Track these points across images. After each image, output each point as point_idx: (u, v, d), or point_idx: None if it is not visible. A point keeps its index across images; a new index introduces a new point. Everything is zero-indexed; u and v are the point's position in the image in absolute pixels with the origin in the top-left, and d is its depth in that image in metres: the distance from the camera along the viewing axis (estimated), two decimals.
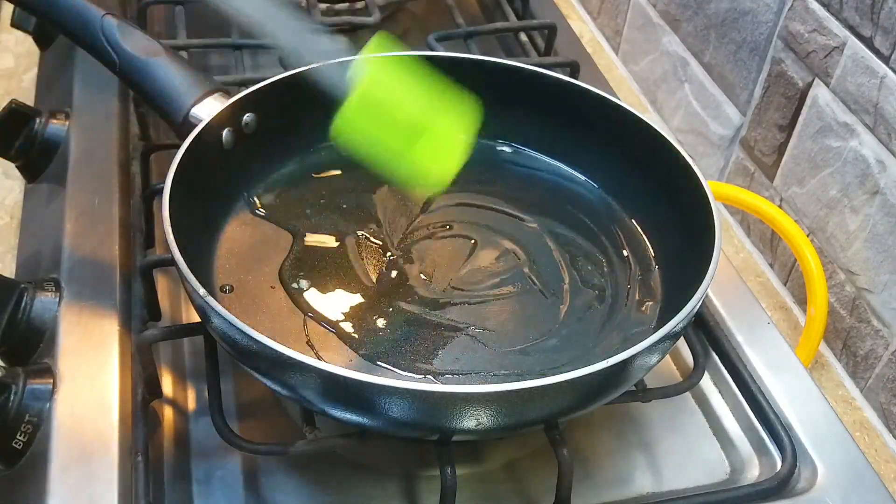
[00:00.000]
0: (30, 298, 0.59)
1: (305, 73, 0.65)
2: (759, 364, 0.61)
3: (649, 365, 0.52)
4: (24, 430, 0.53)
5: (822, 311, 0.77)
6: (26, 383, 0.54)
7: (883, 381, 0.74)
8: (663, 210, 0.65)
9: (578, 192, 0.71)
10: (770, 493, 0.54)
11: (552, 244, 0.66)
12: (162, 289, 0.65)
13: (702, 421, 0.63)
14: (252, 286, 0.60)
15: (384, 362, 0.56)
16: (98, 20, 0.62)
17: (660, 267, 0.64)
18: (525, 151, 0.74)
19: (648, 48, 1.04)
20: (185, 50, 0.82)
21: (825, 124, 0.77)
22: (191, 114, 0.62)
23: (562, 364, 0.57)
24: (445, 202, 0.69)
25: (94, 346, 0.57)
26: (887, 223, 0.71)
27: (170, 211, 0.53)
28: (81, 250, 0.63)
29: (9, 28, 0.90)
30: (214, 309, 0.48)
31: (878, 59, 0.70)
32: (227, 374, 0.59)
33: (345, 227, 0.66)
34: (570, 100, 0.69)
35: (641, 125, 0.65)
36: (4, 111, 0.73)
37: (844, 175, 0.75)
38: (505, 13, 0.95)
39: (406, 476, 0.57)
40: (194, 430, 0.58)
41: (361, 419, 0.49)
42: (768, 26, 0.83)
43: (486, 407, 0.47)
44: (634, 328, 0.60)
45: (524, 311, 0.60)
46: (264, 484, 0.56)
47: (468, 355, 0.57)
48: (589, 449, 0.60)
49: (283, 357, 0.46)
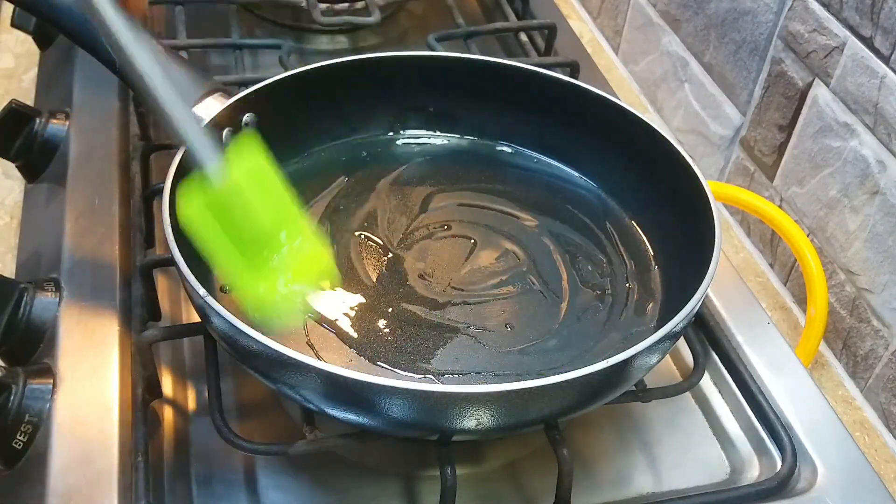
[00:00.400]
0: (30, 298, 0.59)
1: (292, 80, 0.66)
2: (759, 364, 0.61)
3: (649, 365, 0.52)
4: (24, 430, 0.53)
5: (822, 311, 0.77)
6: (26, 383, 0.54)
7: (883, 381, 0.74)
8: (663, 210, 0.65)
9: (578, 192, 0.71)
10: (770, 493, 0.54)
11: (552, 244, 0.66)
12: (162, 289, 0.65)
13: (702, 421, 0.63)
14: None
15: (384, 362, 0.56)
16: None
17: (660, 267, 0.64)
18: (525, 151, 0.74)
19: (648, 48, 1.04)
20: (185, 50, 0.82)
21: (825, 124, 0.77)
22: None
23: (562, 364, 0.57)
24: (445, 202, 0.69)
25: (94, 346, 0.57)
26: (887, 223, 0.71)
27: (170, 211, 0.53)
28: (81, 250, 0.63)
29: (9, 28, 0.90)
30: (214, 309, 0.48)
31: (878, 59, 0.70)
32: (227, 374, 0.59)
33: (344, 227, 0.66)
34: (570, 100, 0.69)
35: (641, 125, 0.65)
36: (4, 111, 0.73)
37: (844, 175, 0.75)
38: (505, 13, 0.95)
39: (406, 476, 0.57)
40: (194, 430, 0.58)
41: (361, 419, 0.49)
42: (768, 26, 0.83)
43: (486, 407, 0.47)
44: (634, 328, 0.60)
45: (524, 312, 0.60)
46: (264, 484, 0.56)
47: (468, 355, 0.57)
48: (589, 449, 0.60)
49: (283, 357, 0.46)
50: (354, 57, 0.69)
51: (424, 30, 0.89)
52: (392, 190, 0.69)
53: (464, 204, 0.69)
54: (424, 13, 1.01)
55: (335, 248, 0.64)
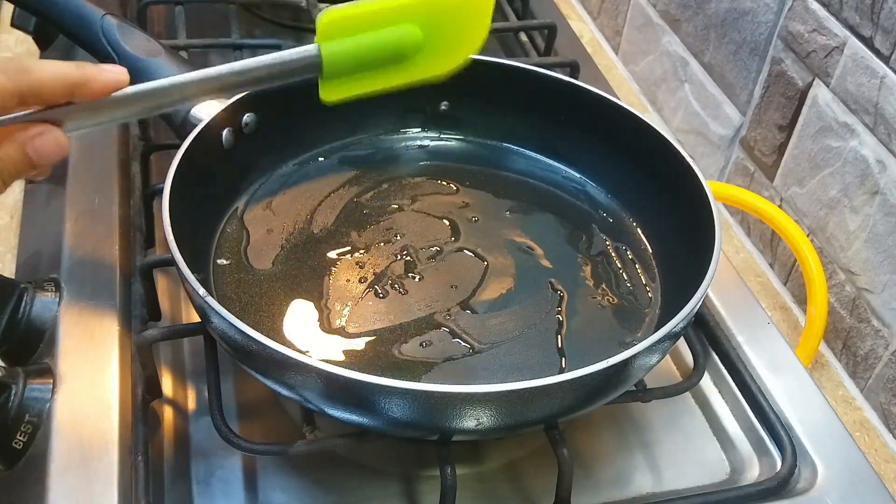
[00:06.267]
0: (30, 298, 0.59)
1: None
2: (759, 364, 0.61)
3: (649, 365, 0.52)
4: (24, 430, 0.53)
5: (822, 311, 0.77)
6: (26, 383, 0.54)
7: (883, 381, 0.74)
8: (663, 210, 0.65)
9: (578, 192, 0.71)
10: (770, 493, 0.54)
11: (551, 244, 0.66)
12: (162, 289, 0.65)
13: (702, 421, 0.63)
14: None
15: (384, 362, 0.56)
16: (98, 20, 0.63)
17: (660, 267, 0.64)
18: (525, 151, 0.74)
19: (648, 48, 1.04)
20: (185, 50, 0.82)
21: (825, 124, 0.77)
22: (190, 114, 0.62)
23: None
24: (445, 202, 0.69)
25: (94, 346, 0.57)
26: (887, 223, 0.71)
27: (170, 211, 0.53)
28: (81, 250, 0.63)
29: (9, 28, 0.90)
30: (214, 309, 0.48)
31: (878, 59, 0.70)
32: (227, 374, 0.60)
33: (345, 226, 0.66)
34: (570, 100, 0.69)
35: (641, 125, 0.65)
36: None
37: (844, 175, 0.75)
38: (505, 13, 0.95)
39: (406, 476, 0.57)
40: (194, 430, 0.58)
41: (361, 419, 0.49)
42: (768, 26, 0.83)
43: (486, 407, 0.47)
44: (634, 328, 0.60)
45: (523, 309, 0.60)
46: (264, 484, 0.56)
47: (468, 355, 0.57)
48: (589, 449, 0.60)
49: (283, 357, 0.46)
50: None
51: None
52: (392, 190, 0.69)
53: (464, 204, 0.69)
54: None
55: (334, 248, 0.64)
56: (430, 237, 0.65)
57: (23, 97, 0.40)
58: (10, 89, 0.39)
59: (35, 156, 0.41)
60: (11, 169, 0.41)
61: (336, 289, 0.60)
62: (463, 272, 0.63)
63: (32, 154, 0.41)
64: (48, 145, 0.41)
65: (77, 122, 0.42)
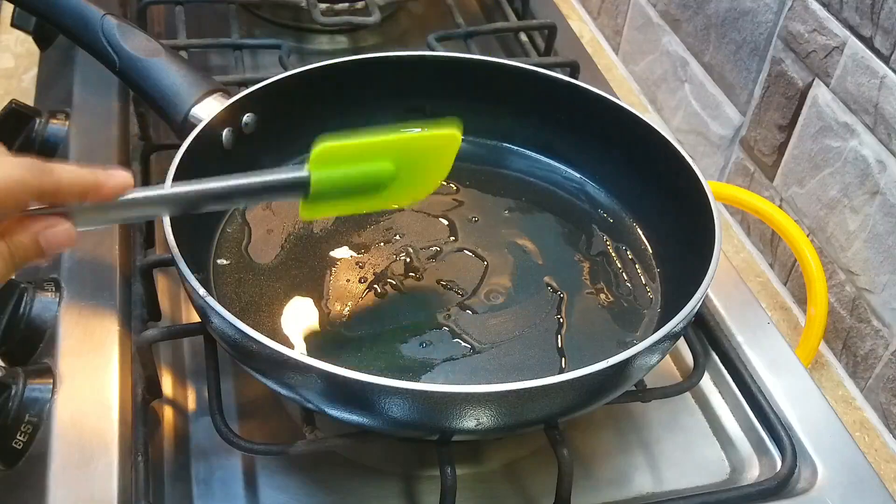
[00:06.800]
0: (30, 298, 0.59)
1: (292, 80, 0.66)
2: (759, 364, 0.61)
3: (649, 365, 0.52)
4: (24, 430, 0.53)
5: (822, 311, 0.77)
6: (26, 383, 0.54)
7: (883, 381, 0.74)
8: (663, 210, 0.65)
9: (578, 192, 0.71)
10: (770, 493, 0.54)
11: (551, 244, 0.66)
12: (162, 289, 0.65)
13: (702, 421, 0.63)
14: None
15: (384, 362, 0.56)
16: (98, 20, 0.63)
17: (660, 267, 0.64)
18: (525, 151, 0.74)
19: (648, 48, 1.04)
20: (185, 50, 0.82)
21: (825, 124, 0.77)
22: (191, 114, 0.62)
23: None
24: (445, 202, 0.69)
25: (94, 346, 0.57)
26: (887, 223, 0.71)
27: None
28: (81, 250, 0.63)
29: (9, 28, 0.90)
30: (214, 309, 0.48)
31: (878, 59, 0.70)
32: (227, 374, 0.59)
33: (345, 226, 0.66)
34: (570, 100, 0.69)
35: (641, 125, 0.65)
36: (4, 111, 0.73)
37: (844, 175, 0.75)
38: (505, 13, 0.95)
39: (406, 476, 0.57)
40: (194, 430, 0.58)
41: (361, 419, 0.49)
42: (768, 26, 0.83)
43: (486, 407, 0.47)
44: (634, 328, 0.60)
45: (523, 309, 0.60)
46: (264, 484, 0.56)
47: (468, 355, 0.57)
48: (589, 449, 0.60)
49: (284, 357, 0.46)
50: (354, 57, 0.69)
51: (424, 30, 0.89)
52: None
53: (464, 204, 0.69)
54: (424, 13, 1.01)
55: (335, 248, 0.64)
56: (429, 237, 0.65)
57: (42, 194, 0.44)
58: (33, 186, 0.43)
59: (46, 245, 0.45)
60: (23, 255, 0.44)
61: (336, 288, 0.61)
62: (463, 272, 0.63)
63: (44, 243, 0.45)
64: (59, 236, 0.45)
65: (85, 218, 0.47)
